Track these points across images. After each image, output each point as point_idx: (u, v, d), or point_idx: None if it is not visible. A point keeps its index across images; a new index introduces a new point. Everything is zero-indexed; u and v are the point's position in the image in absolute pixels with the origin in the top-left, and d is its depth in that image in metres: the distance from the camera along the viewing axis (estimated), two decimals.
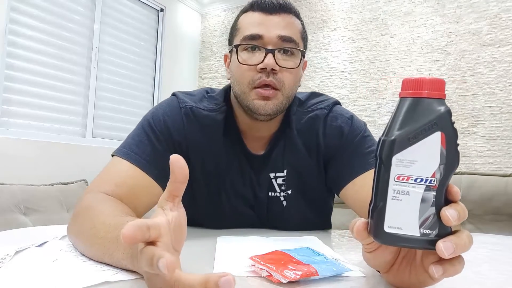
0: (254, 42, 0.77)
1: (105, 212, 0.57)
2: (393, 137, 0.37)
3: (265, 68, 0.75)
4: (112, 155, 0.77)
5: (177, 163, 0.38)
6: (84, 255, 0.54)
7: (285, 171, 0.84)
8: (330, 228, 0.94)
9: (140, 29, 3.28)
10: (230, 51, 0.83)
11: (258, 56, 0.77)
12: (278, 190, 0.85)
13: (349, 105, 3.04)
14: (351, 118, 0.85)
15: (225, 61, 0.88)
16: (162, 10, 3.47)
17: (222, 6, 3.76)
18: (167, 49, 3.48)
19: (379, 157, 0.38)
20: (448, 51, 2.71)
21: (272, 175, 0.85)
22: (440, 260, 0.37)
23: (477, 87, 2.60)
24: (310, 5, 3.29)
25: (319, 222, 0.91)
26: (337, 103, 0.89)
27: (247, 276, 0.46)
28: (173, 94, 0.87)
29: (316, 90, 3.16)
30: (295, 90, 0.82)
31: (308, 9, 3.30)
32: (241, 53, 0.78)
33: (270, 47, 0.76)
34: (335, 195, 0.91)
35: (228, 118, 0.84)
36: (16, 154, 2.30)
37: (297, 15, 0.82)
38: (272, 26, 0.77)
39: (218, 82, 3.73)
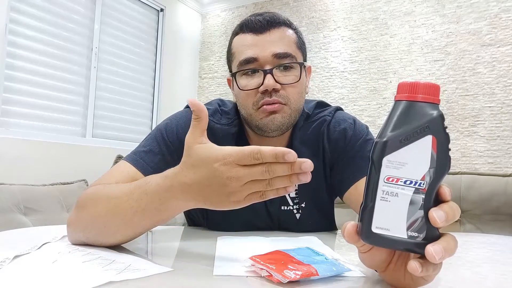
0: (250, 66, 0.77)
1: (117, 187, 0.59)
2: (384, 139, 0.37)
3: (267, 89, 0.75)
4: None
5: (196, 105, 0.49)
6: (96, 243, 0.56)
7: (297, 184, 0.85)
8: (336, 230, 0.95)
9: (140, 29, 3.28)
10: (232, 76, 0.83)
11: (257, 78, 0.77)
12: (291, 203, 0.86)
13: (349, 105, 3.04)
14: (354, 122, 0.86)
15: (229, 84, 0.88)
16: (162, 10, 3.47)
17: (222, 6, 3.76)
18: (167, 49, 3.48)
19: (371, 158, 0.38)
20: (448, 51, 2.71)
21: None
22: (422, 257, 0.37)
23: (477, 87, 2.60)
24: (310, 5, 3.29)
25: (328, 226, 0.92)
26: (339, 109, 0.90)
27: (247, 276, 0.46)
28: (187, 106, 0.87)
29: (316, 90, 3.16)
30: (302, 101, 0.82)
31: (308, 9, 3.30)
32: (240, 79, 0.79)
33: (267, 67, 0.76)
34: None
35: (240, 132, 0.85)
36: (16, 154, 2.30)
37: (289, 25, 0.81)
38: (265, 46, 0.76)
39: (218, 82, 3.73)
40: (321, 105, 0.92)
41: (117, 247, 0.58)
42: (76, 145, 2.67)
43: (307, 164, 0.45)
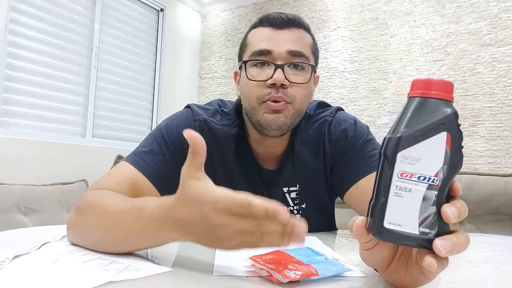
0: (263, 58, 0.76)
1: (115, 202, 0.58)
2: (399, 134, 0.37)
3: (275, 83, 0.74)
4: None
5: (193, 138, 0.45)
6: (93, 249, 0.55)
7: (298, 185, 0.85)
8: (336, 230, 0.95)
9: (140, 29, 3.28)
10: (240, 68, 0.82)
11: (267, 71, 0.76)
12: (291, 204, 0.86)
13: (349, 105, 3.04)
14: (355, 122, 0.86)
15: (235, 78, 0.87)
16: (162, 10, 3.47)
17: (222, 6, 3.76)
18: (167, 49, 3.48)
19: (384, 154, 0.38)
20: (448, 51, 2.71)
21: (285, 189, 0.85)
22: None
23: (477, 87, 2.60)
24: (310, 5, 3.29)
25: (328, 227, 0.92)
26: (339, 109, 0.90)
27: (247, 276, 0.46)
28: (188, 106, 0.87)
29: (316, 90, 3.16)
30: (306, 105, 0.81)
31: (308, 9, 3.30)
32: (250, 69, 0.78)
33: (279, 62, 0.75)
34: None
35: (240, 133, 0.84)
36: (16, 154, 2.30)
37: (307, 30, 0.81)
38: (281, 41, 0.76)
39: (218, 82, 3.73)
40: (322, 105, 0.91)
41: None
42: (76, 145, 2.67)
43: (301, 228, 0.42)
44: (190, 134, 0.45)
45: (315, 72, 0.82)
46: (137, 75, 3.25)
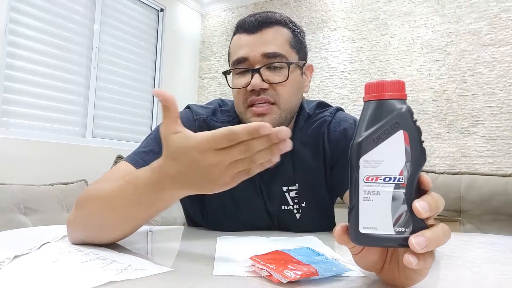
0: (242, 65, 0.79)
1: (110, 185, 0.59)
2: (358, 140, 0.39)
3: (254, 89, 0.76)
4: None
5: (162, 94, 0.48)
6: (96, 240, 0.56)
7: (297, 184, 0.85)
8: None
9: (140, 29, 3.28)
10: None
11: (247, 78, 0.78)
12: (291, 203, 0.86)
13: (349, 105, 3.04)
14: (354, 122, 0.86)
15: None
16: (162, 10, 3.47)
17: (222, 6, 3.76)
18: (167, 49, 3.48)
19: (349, 161, 0.39)
20: (448, 51, 2.71)
21: (285, 188, 0.85)
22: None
23: (477, 87, 2.60)
24: (310, 5, 3.29)
25: (328, 227, 0.92)
26: (339, 109, 0.90)
27: (247, 276, 0.46)
28: (187, 107, 0.88)
29: (316, 90, 3.16)
30: (295, 101, 0.82)
31: (308, 9, 3.30)
32: (232, 78, 0.82)
33: (257, 66, 0.77)
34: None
35: None
36: (16, 154, 2.30)
37: (284, 24, 0.82)
38: (255, 45, 0.78)
39: (218, 82, 3.73)
40: (322, 105, 0.92)
41: (117, 247, 0.58)
42: (76, 145, 2.67)
43: (284, 131, 0.43)
44: (158, 91, 0.49)
45: (302, 65, 0.83)
46: (137, 75, 3.25)
